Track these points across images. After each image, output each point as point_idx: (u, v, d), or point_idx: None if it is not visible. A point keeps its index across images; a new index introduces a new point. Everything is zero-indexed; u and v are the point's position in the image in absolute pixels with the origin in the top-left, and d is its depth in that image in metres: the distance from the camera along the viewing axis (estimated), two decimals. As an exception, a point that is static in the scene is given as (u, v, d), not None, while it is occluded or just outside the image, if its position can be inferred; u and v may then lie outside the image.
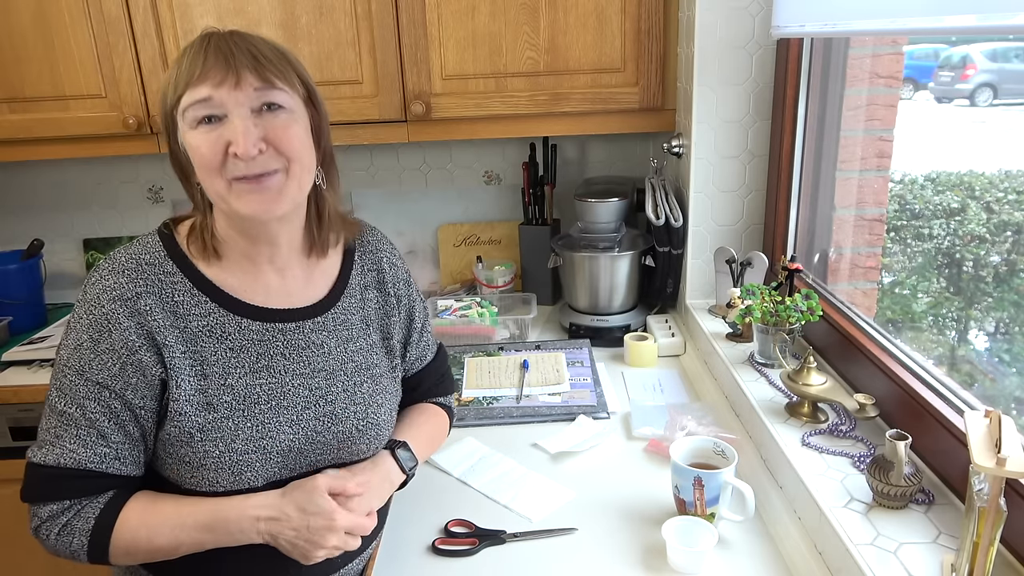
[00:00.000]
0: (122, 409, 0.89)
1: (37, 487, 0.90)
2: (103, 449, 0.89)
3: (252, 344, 0.94)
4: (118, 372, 0.88)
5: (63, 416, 0.88)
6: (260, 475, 0.93)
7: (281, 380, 0.95)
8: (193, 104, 0.87)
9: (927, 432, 1.03)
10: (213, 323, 0.93)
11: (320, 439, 0.97)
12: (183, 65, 0.88)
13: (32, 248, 2.11)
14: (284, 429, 0.94)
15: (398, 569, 1.07)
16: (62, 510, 0.89)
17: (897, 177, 1.66)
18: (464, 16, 1.72)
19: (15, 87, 1.79)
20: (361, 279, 1.07)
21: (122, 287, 0.89)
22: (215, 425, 0.91)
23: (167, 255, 0.93)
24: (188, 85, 0.87)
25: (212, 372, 0.92)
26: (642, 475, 1.28)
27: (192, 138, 0.88)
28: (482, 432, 1.43)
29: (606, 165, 2.18)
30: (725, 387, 1.46)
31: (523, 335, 1.86)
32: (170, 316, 0.91)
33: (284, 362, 0.96)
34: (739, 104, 1.62)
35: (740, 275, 1.61)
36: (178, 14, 1.73)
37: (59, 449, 0.88)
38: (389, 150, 2.18)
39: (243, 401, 0.92)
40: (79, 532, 0.89)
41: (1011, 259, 1.52)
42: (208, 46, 0.88)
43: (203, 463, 0.90)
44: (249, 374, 0.93)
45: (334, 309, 1.01)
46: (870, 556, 0.89)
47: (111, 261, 0.92)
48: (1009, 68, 2.10)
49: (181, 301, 0.92)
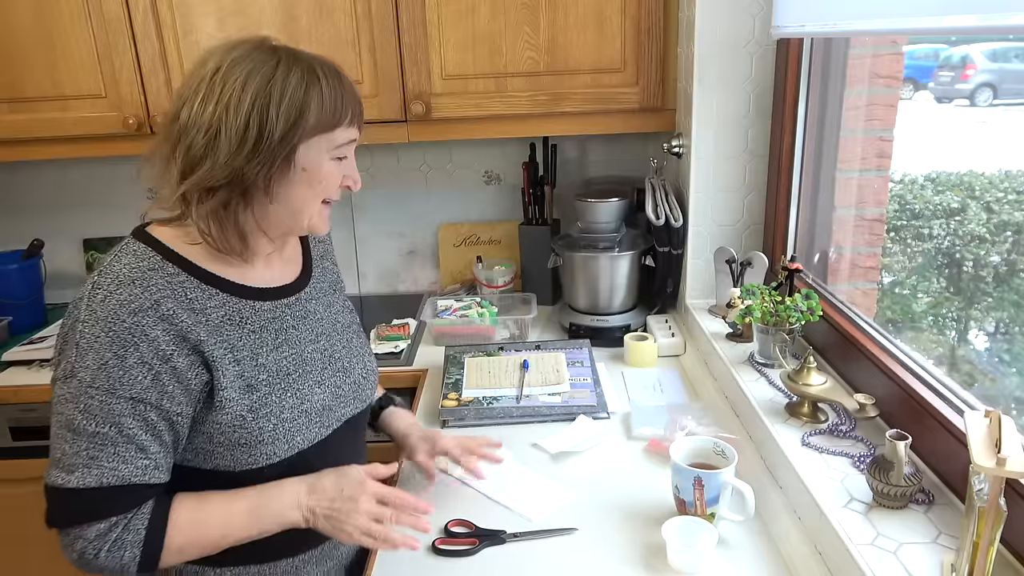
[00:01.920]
0: (159, 420, 0.90)
1: (79, 510, 0.89)
2: (144, 462, 0.90)
3: (268, 323, 1.01)
4: (151, 384, 0.89)
5: (96, 437, 0.87)
6: (307, 437, 1.01)
7: (299, 350, 1.03)
8: (348, 143, 0.99)
9: (927, 432, 1.03)
10: (230, 311, 0.97)
11: (341, 392, 1.08)
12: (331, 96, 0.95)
13: (32, 248, 2.11)
14: (315, 391, 1.03)
15: (398, 569, 1.07)
16: (110, 527, 0.89)
17: (897, 177, 1.66)
18: (464, 16, 1.72)
19: (15, 87, 1.79)
20: (316, 252, 1.16)
21: (139, 297, 0.89)
22: (262, 402, 0.97)
23: (164, 258, 0.94)
24: (343, 120, 0.97)
25: (242, 356, 0.96)
26: (642, 475, 1.28)
27: (329, 167, 0.98)
28: (482, 432, 1.43)
29: (606, 165, 2.18)
30: (725, 387, 1.46)
31: (523, 335, 1.86)
32: (192, 314, 0.92)
33: (296, 334, 1.04)
34: (739, 104, 1.62)
35: (740, 275, 1.61)
36: (178, 14, 1.73)
37: (98, 470, 0.88)
38: (389, 150, 2.18)
39: (276, 375, 0.99)
40: (131, 545, 0.90)
41: (1011, 259, 1.52)
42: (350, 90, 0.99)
43: (260, 439, 0.96)
44: (274, 351, 1.00)
45: (312, 280, 1.11)
46: (870, 556, 0.89)
47: (111, 275, 0.90)
48: (1009, 68, 2.10)
49: (195, 297, 0.93)
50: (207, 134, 0.90)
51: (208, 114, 0.90)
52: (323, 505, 0.98)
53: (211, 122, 0.90)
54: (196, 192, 0.92)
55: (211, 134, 0.90)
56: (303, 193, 0.97)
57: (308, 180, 0.96)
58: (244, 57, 0.92)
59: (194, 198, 0.92)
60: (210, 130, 0.89)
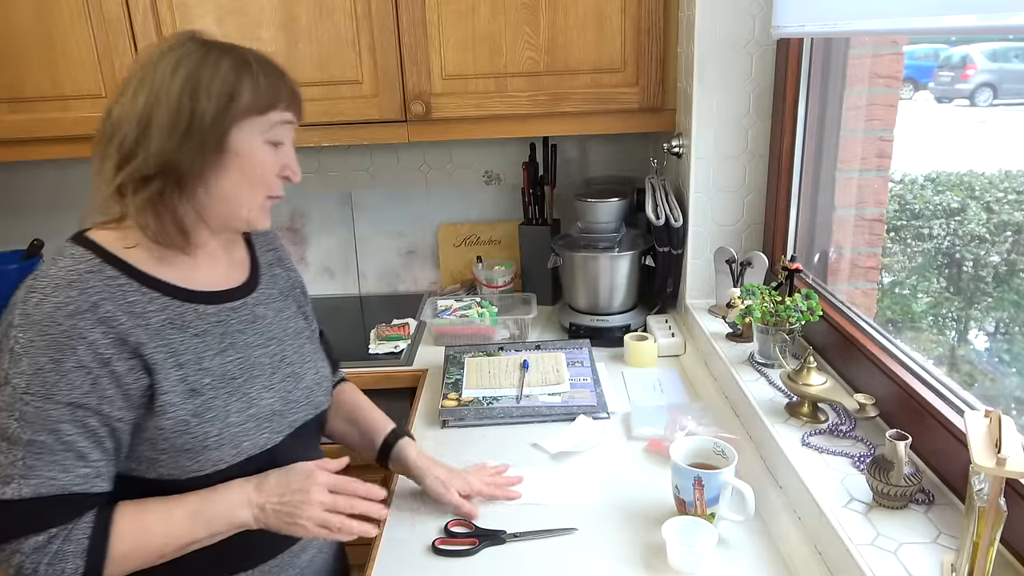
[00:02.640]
0: (99, 426, 0.87)
1: (15, 523, 0.85)
2: (84, 470, 0.87)
3: (213, 327, 0.98)
4: (90, 388, 0.86)
5: (32, 445, 0.84)
6: (256, 443, 0.98)
7: (246, 354, 1.01)
8: (283, 124, 0.97)
9: (927, 432, 1.03)
10: (172, 315, 0.94)
11: (292, 397, 1.05)
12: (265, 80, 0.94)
13: (32, 248, 2.11)
14: (263, 395, 1.01)
15: (398, 569, 1.07)
16: (49, 539, 0.85)
17: (897, 177, 1.66)
18: (464, 16, 1.72)
19: (15, 87, 1.79)
20: (265, 258, 1.15)
21: (76, 300, 0.86)
22: (206, 406, 0.94)
23: (103, 261, 0.91)
24: (278, 104, 0.95)
25: (185, 360, 0.94)
26: (642, 475, 1.28)
27: (264, 153, 0.96)
28: (482, 432, 1.43)
29: (606, 165, 2.18)
30: (725, 387, 1.46)
31: (523, 335, 1.86)
32: (131, 317, 0.90)
33: (243, 337, 1.02)
34: (739, 104, 1.62)
35: (740, 275, 1.61)
36: (178, 14, 1.73)
37: (35, 479, 0.84)
38: (389, 150, 2.18)
39: (221, 379, 0.97)
40: (72, 555, 0.86)
41: (1011, 259, 1.52)
42: (285, 78, 0.97)
43: (205, 444, 0.93)
44: (219, 354, 0.98)
45: (260, 285, 1.09)
46: (870, 556, 0.89)
47: (47, 279, 0.87)
48: (1009, 68, 2.10)
49: (135, 301, 0.91)
50: (139, 124, 0.89)
51: (140, 105, 0.90)
52: (272, 501, 0.95)
53: (142, 112, 0.89)
54: (131, 184, 0.91)
55: (143, 124, 0.89)
56: (238, 180, 0.95)
57: (242, 166, 0.94)
58: (173, 49, 0.92)
59: (129, 190, 0.91)
60: (142, 120, 0.89)
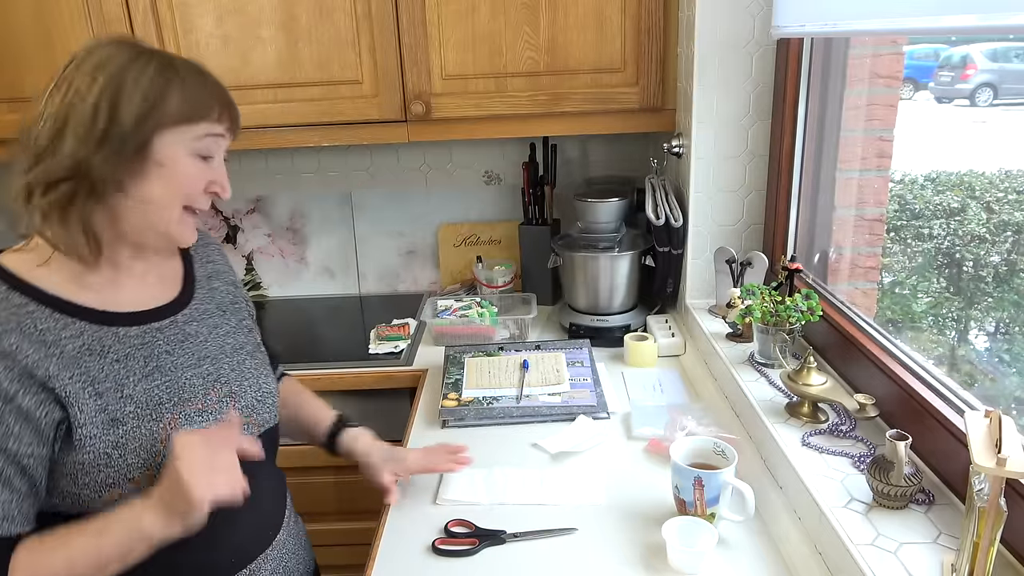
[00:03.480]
0: (5, 464, 0.81)
1: None
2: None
3: (136, 350, 0.92)
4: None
5: None
6: None
7: (174, 376, 0.94)
8: (212, 137, 0.91)
9: (927, 432, 1.03)
10: (89, 340, 0.88)
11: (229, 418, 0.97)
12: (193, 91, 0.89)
13: (32, 248, 2.11)
14: (195, 419, 0.94)
15: (398, 569, 1.07)
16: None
17: (897, 177, 1.67)
18: (464, 16, 1.72)
19: (15, 87, 1.79)
20: (203, 271, 1.08)
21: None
22: (129, 436, 0.88)
23: (9, 288, 0.86)
24: (208, 115, 0.90)
25: (105, 388, 0.87)
26: (642, 475, 1.28)
27: (189, 165, 0.90)
28: (482, 432, 1.43)
29: (606, 165, 2.18)
30: (725, 387, 1.46)
31: (523, 335, 1.86)
32: (41, 347, 0.83)
33: (171, 359, 0.95)
34: (739, 104, 1.62)
35: (740, 275, 1.61)
36: (178, 14, 1.73)
37: None
38: (389, 150, 2.18)
39: (146, 406, 0.90)
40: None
41: (1011, 259, 1.52)
42: (218, 88, 0.92)
43: (130, 477, 0.87)
44: (143, 379, 0.91)
45: (194, 300, 1.03)
46: (870, 556, 0.89)
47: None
48: (1009, 68, 2.10)
49: (46, 328, 0.85)
50: (54, 124, 0.84)
51: (56, 104, 0.85)
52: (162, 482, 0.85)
53: (58, 112, 0.84)
54: (39, 187, 0.85)
55: (58, 124, 0.84)
56: (159, 191, 0.88)
57: (165, 177, 0.88)
58: (98, 48, 0.87)
59: (37, 192, 0.85)
60: (57, 120, 0.84)
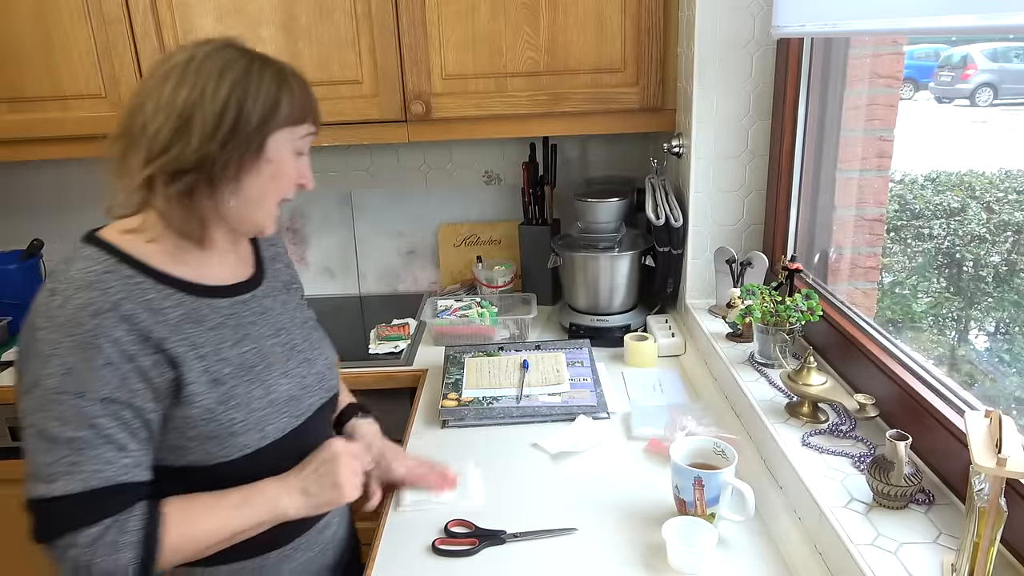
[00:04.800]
0: (133, 417, 0.90)
1: (67, 518, 0.87)
2: (125, 460, 0.90)
3: (227, 319, 1.01)
4: (120, 384, 0.88)
5: (74, 442, 0.87)
6: (278, 427, 1.02)
7: (260, 344, 1.04)
8: (310, 134, 1.01)
9: (927, 432, 1.03)
10: (189, 310, 0.97)
11: (306, 383, 1.09)
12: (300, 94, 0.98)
13: (32, 248, 2.11)
14: (281, 381, 1.04)
15: (398, 569, 1.07)
16: (103, 530, 0.88)
17: (897, 177, 1.67)
18: (464, 16, 1.72)
19: (15, 87, 1.79)
20: (267, 253, 1.18)
21: (98, 300, 0.88)
22: (230, 394, 0.97)
23: (119, 260, 0.94)
24: (308, 117, 1.00)
25: (206, 352, 0.97)
26: (642, 475, 1.28)
27: (291, 161, 1.00)
28: (482, 432, 1.43)
29: (606, 165, 2.18)
30: (725, 387, 1.46)
31: (523, 335, 1.86)
32: (151, 314, 0.92)
33: (255, 328, 1.05)
34: (739, 104, 1.62)
35: (740, 275, 1.61)
36: (178, 14, 1.73)
37: (81, 474, 0.87)
38: (389, 150, 2.18)
39: (241, 368, 1.00)
40: (127, 546, 0.88)
41: (1011, 259, 1.52)
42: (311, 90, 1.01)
43: (231, 430, 0.97)
44: (235, 345, 1.01)
45: (265, 279, 1.12)
46: (870, 556, 0.89)
47: (67, 281, 0.90)
48: (1009, 68, 2.10)
49: (152, 298, 0.93)
50: (179, 119, 0.90)
51: (181, 100, 0.91)
52: (310, 476, 1.01)
53: (184, 107, 0.90)
54: (163, 176, 0.92)
55: (183, 119, 0.90)
56: (264, 186, 0.98)
57: (272, 173, 0.98)
58: (217, 51, 0.94)
59: (159, 182, 0.92)
60: (182, 115, 0.90)
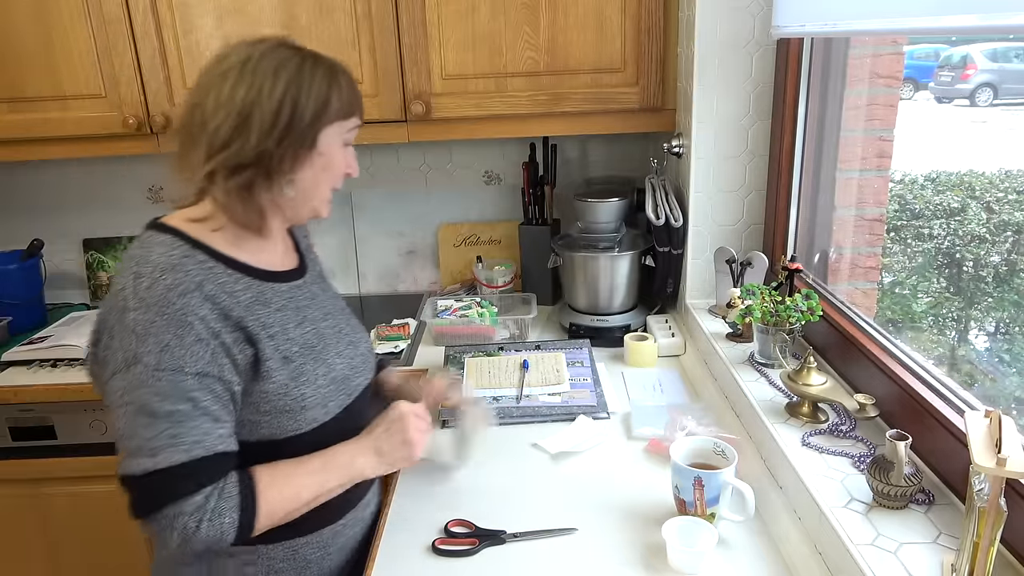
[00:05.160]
0: (223, 391, 0.96)
1: (171, 489, 0.92)
2: (221, 431, 0.96)
3: (288, 302, 1.08)
4: (211, 358, 0.94)
5: (174, 415, 0.92)
6: (337, 403, 1.09)
7: (316, 326, 1.11)
8: (356, 127, 1.07)
9: (927, 432, 1.03)
10: (256, 293, 1.03)
11: (354, 363, 1.15)
12: (348, 91, 1.03)
13: (32, 248, 2.11)
14: (337, 361, 1.11)
15: (398, 569, 1.07)
16: (206, 498, 0.93)
17: (897, 177, 1.67)
18: (464, 16, 1.72)
19: (15, 87, 1.79)
20: (304, 243, 1.24)
21: (183, 282, 0.94)
22: (299, 371, 1.04)
23: (192, 246, 0.99)
24: (356, 111, 1.06)
25: (275, 332, 1.03)
26: (642, 475, 1.28)
27: (339, 153, 1.06)
28: (481, 432, 1.43)
29: (606, 165, 2.18)
30: (725, 387, 1.46)
31: (523, 335, 1.86)
32: (227, 296, 0.98)
33: (310, 312, 1.11)
34: (739, 104, 1.62)
35: (740, 275, 1.61)
36: (178, 14, 1.73)
37: (184, 446, 0.92)
38: (389, 150, 2.18)
39: (304, 347, 1.06)
40: (228, 511, 0.94)
41: (1011, 259, 1.52)
42: (356, 85, 1.06)
43: (302, 405, 1.03)
44: (298, 326, 1.07)
45: (308, 267, 1.19)
46: (870, 556, 0.89)
47: (150, 265, 0.95)
48: (1009, 68, 2.10)
49: (225, 281, 0.99)
50: (238, 116, 0.96)
51: (240, 98, 0.96)
52: (381, 435, 1.09)
53: (243, 105, 0.96)
54: (223, 170, 0.97)
55: (242, 116, 0.96)
56: (316, 177, 1.04)
57: (323, 164, 1.04)
58: (271, 51, 0.99)
59: (220, 176, 0.98)
60: (241, 112, 0.96)
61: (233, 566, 1.05)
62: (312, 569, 1.11)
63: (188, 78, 1.78)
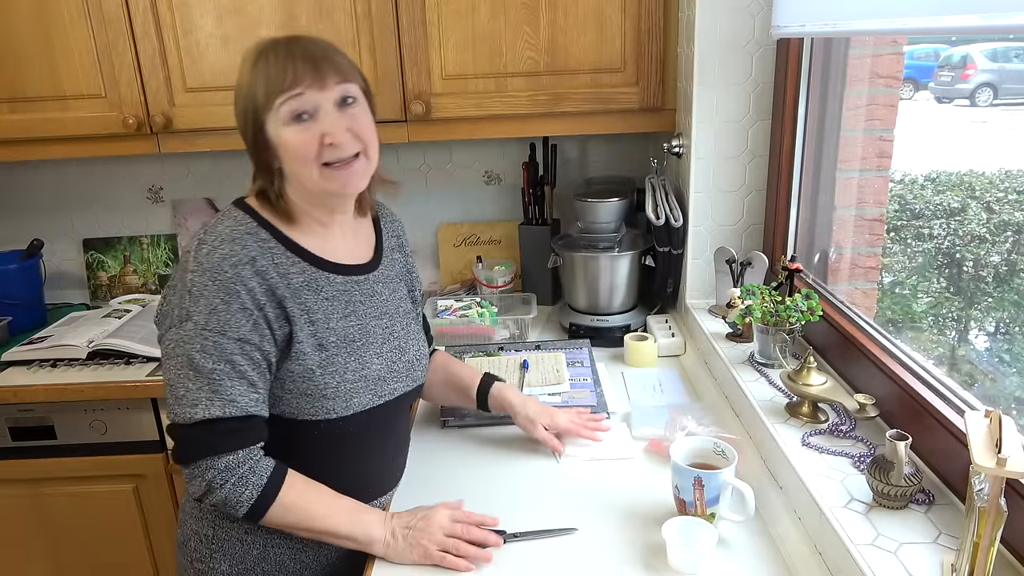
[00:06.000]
0: (261, 359, 1.02)
1: (206, 442, 0.99)
2: (254, 395, 1.02)
3: (340, 294, 1.11)
4: (252, 327, 1.01)
5: (213, 373, 0.99)
6: (362, 402, 1.11)
7: (363, 323, 1.13)
8: (287, 102, 1.01)
9: (927, 432, 1.03)
10: (309, 278, 1.08)
11: (396, 368, 1.16)
12: (270, 71, 1.01)
13: (32, 248, 2.11)
14: (373, 361, 1.13)
15: (398, 569, 1.07)
16: (238, 462, 1.00)
17: (897, 177, 1.67)
18: (464, 16, 1.72)
19: (15, 87, 1.79)
20: (388, 243, 1.26)
21: (238, 254, 1.01)
22: (329, 361, 1.07)
23: (258, 225, 1.06)
24: (283, 89, 1.01)
25: (316, 319, 1.07)
26: (642, 475, 1.28)
27: (289, 134, 1.02)
28: (482, 432, 1.43)
29: (606, 165, 2.18)
30: (725, 387, 1.46)
31: (523, 335, 1.86)
32: (279, 275, 1.04)
33: (362, 308, 1.14)
34: (739, 104, 1.62)
35: (740, 275, 1.61)
36: (178, 14, 1.73)
37: (220, 401, 0.99)
38: (389, 150, 2.18)
39: (343, 340, 1.10)
40: (253, 485, 1.00)
41: (1011, 259, 1.52)
42: (293, 52, 1.02)
43: (323, 394, 1.07)
44: (343, 319, 1.10)
45: (381, 265, 1.21)
46: (870, 556, 0.89)
47: (215, 235, 1.02)
48: (1009, 68, 2.10)
49: (280, 262, 1.05)
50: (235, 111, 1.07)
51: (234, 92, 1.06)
52: (402, 525, 1.08)
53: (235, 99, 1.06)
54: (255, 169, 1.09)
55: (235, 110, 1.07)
56: (290, 163, 1.05)
57: (284, 150, 1.04)
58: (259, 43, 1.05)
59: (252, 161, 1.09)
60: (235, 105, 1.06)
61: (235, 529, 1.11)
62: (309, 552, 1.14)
63: (188, 78, 1.78)
